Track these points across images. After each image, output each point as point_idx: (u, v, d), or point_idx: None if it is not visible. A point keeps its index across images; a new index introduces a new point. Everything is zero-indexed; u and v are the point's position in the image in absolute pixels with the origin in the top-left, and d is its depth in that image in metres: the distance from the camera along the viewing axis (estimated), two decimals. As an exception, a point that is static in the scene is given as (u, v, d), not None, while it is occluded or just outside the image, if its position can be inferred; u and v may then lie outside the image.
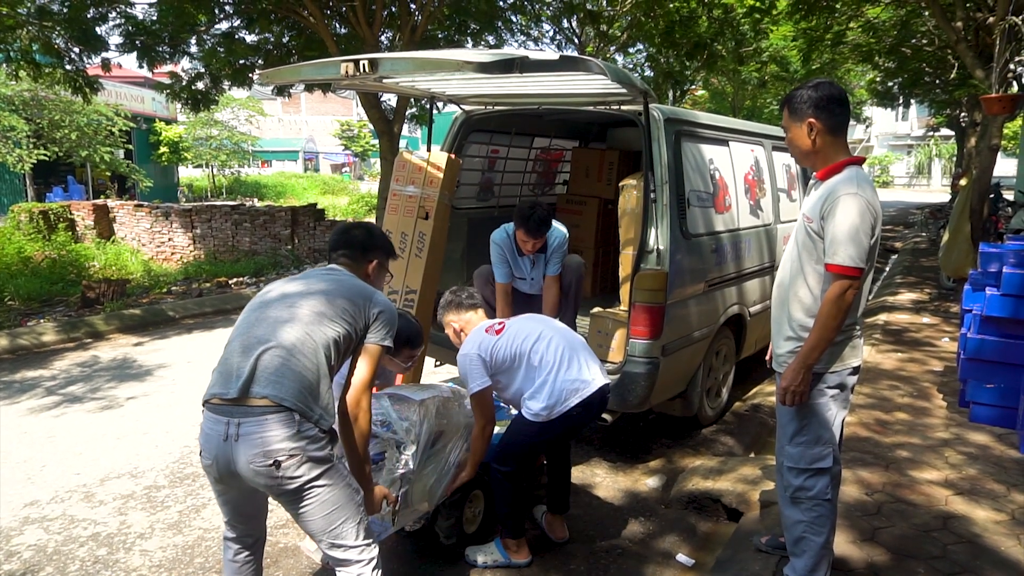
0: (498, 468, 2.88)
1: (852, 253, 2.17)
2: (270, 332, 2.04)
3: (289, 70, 3.77)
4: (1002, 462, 3.65)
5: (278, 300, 2.16)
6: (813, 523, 2.41)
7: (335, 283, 2.22)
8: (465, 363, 2.83)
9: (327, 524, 2.05)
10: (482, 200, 5.42)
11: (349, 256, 2.42)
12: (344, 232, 2.47)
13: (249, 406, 1.95)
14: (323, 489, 2.01)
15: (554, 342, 2.86)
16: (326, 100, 39.59)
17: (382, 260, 2.50)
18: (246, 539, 2.25)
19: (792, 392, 2.31)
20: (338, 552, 2.10)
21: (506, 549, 2.95)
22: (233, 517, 2.21)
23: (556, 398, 2.76)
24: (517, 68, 2.61)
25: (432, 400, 2.90)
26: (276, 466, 1.93)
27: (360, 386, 2.19)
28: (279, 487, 1.97)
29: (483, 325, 2.97)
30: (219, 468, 2.00)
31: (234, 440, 1.94)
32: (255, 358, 1.99)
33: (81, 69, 9.32)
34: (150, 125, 23.62)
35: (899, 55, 14.50)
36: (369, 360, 2.21)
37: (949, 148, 37.58)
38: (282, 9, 9.54)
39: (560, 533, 3.19)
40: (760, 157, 4.93)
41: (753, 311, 4.66)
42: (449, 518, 2.99)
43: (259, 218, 12.31)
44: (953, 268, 7.96)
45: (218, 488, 2.13)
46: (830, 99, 2.30)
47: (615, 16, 13.99)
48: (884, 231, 16.90)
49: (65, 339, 6.76)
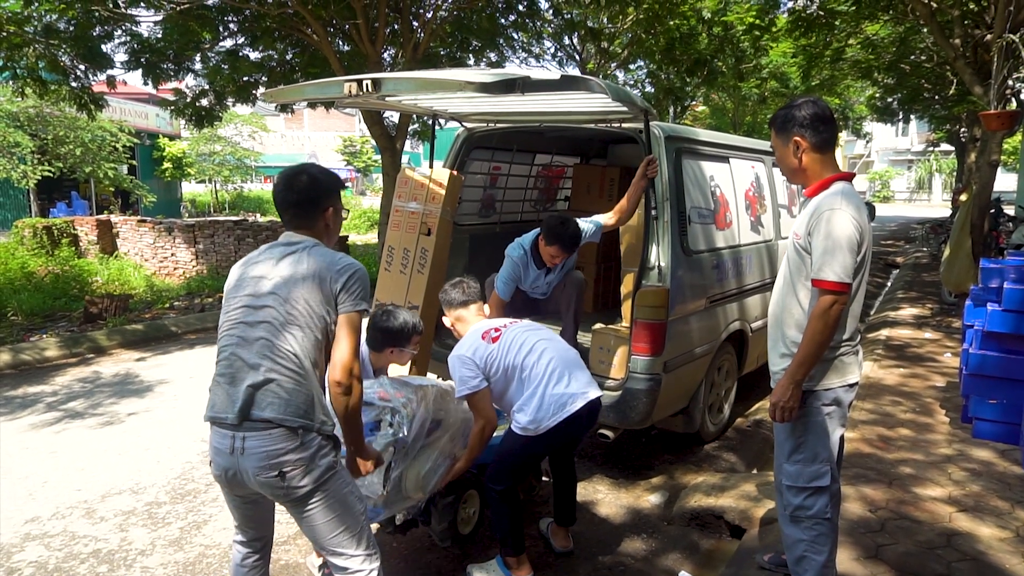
0: (493, 488, 2.87)
1: (837, 268, 2.19)
2: (255, 356, 2.03)
3: (292, 89, 3.82)
4: (1006, 478, 3.63)
5: (253, 309, 2.08)
6: (814, 542, 2.40)
7: (300, 272, 2.08)
8: (456, 365, 2.83)
9: (329, 531, 2.11)
10: (484, 216, 5.45)
11: (299, 215, 2.19)
12: (286, 188, 2.18)
13: (252, 421, 2.00)
14: (326, 496, 2.07)
15: (546, 355, 2.86)
16: (329, 116, 39.76)
17: (335, 204, 2.26)
18: (255, 543, 2.32)
19: (781, 408, 2.31)
20: (340, 560, 2.14)
21: (507, 567, 2.95)
22: (243, 521, 2.28)
23: (544, 412, 2.76)
24: (519, 88, 2.64)
25: (431, 389, 2.89)
26: (281, 476, 2.00)
27: (347, 358, 2.03)
28: (285, 496, 2.04)
29: (480, 328, 2.96)
30: (228, 479, 2.08)
31: (240, 453, 2.01)
32: (247, 386, 2.00)
33: (86, 86, 9.42)
34: (154, 141, 23.77)
35: (898, 71, 14.61)
36: (349, 330, 2.06)
37: (949, 163, 37.70)
38: (286, 27, 9.64)
39: (563, 543, 3.21)
40: (761, 173, 4.96)
41: (755, 327, 4.67)
42: (443, 521, 3.01)
43: (262, 233, 12.34)
44: (954, 283, 7.97)
45: (228, 495, 2.20)
46: (814, 117, 2.33)
47: (616, 33, 14.12)
48: (885, 246, 16.92)
49: (67, 354, 6.77)
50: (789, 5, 11.68)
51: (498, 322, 3.04)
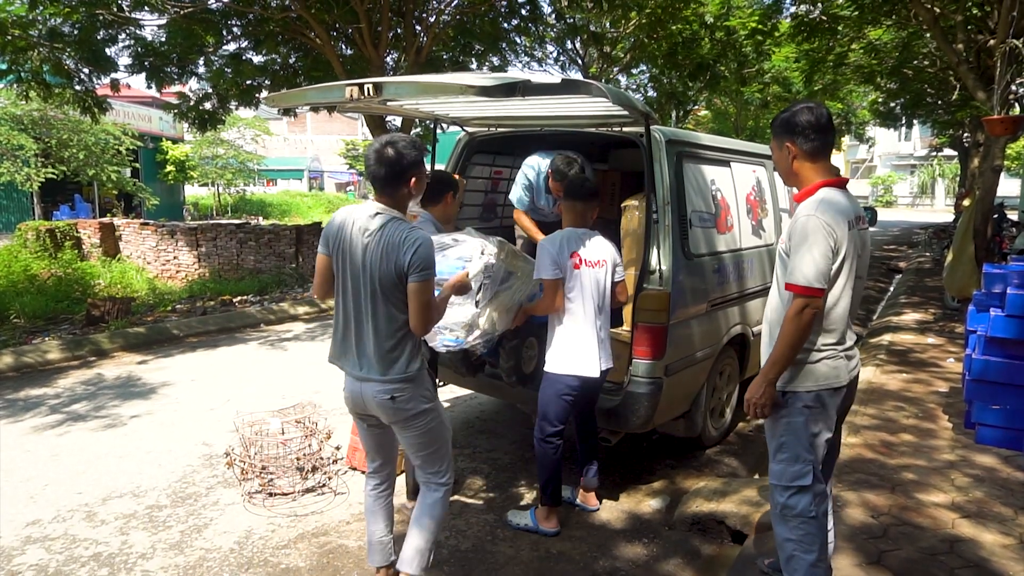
0: (541, 434, 3.34)
1: (807, 273, 2.24)
2: (364, 336, 2.54)
3: (295, 94, 3.82)
4: (1009, 484, 3.62)
5: (355, 299, 2.53)
6: (801, 541, 2.41)
7: (375, 260, 2.45)
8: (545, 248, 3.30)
9: (425, 447, 2.66)
10: (485, 220, 5.45)
11: (384, 186, 2.52)
12: (377, 161, 2.48)
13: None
14: (426, 421, 2.61)
15: (589, 318, 3.28)
16: (331, 120, 39.95)
17: (419, 174, 2.54)
18: (381, 472, 2.85)
19: (754, 405, 2.38)
20: (427, 471, 2.71)
21: (537, 518, 3.41)
22: (372, 449, 2.82)
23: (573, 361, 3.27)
24: (520, 92, 2.64)
25: (507, 246, 3.26)
26: (392, 399, 2.53)
27: (426, 318, 2.49)
28: (396, 415, 2.56)
29: (572, 240, 3.33)
30: (356, 404, 2.64)
31: (364, 383, 2.57)
32: (360, 356, 2.56)
33: (90, 89, 9.44)
34: (157, 144, 23.82)
35: (901, 76, 14.60)
36: (419, 298, 2.45)
37: (952, 168, 37.65)
38: (289, 31, 9.67)
39: (592, 502, 3.68)
40: (762, 177, 4.95)
41: (756, 331, 4.65)
42: (510, 360, 3.65)
43: (264, 236, 12.37)
44: (957, 288, 7.95)
45: (359, 423, 2.77)
46: (806, 124, 2.37)
47: (618, 38, 14.15)
48: (888, 251, 16.91)
49: (70, 357, 6.78)
50: (792, 10, 11.69)
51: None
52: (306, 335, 8.12)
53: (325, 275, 2.62)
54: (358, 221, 2.51)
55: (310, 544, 3.34)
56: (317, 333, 8.23)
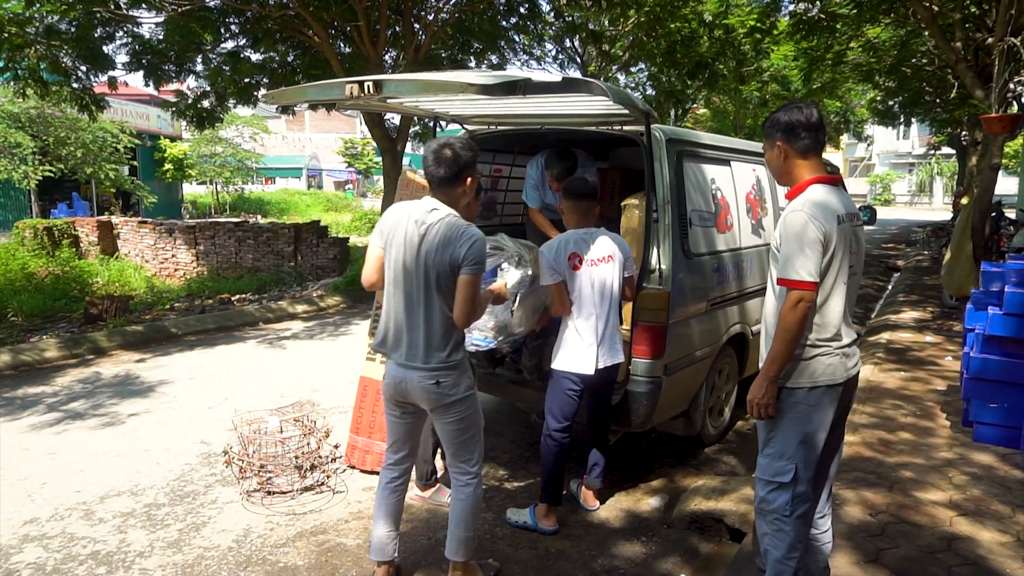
0: (549, 431, 3.39)
1: (796, 266, 2.26)
2: (414, 324, 2.64)
3: (294, 91, 3.81)
4: (1006, 482, 3.63)
5: (407, 289, 2.64)
6: (774, 536, 2.42)
7: (432, 251, 2.57)
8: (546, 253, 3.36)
9: (460, 435, 2.74)
10: (486, 219, 5.44)
11: (441, 185, 2.64)
12: (435, 162, 2.62)
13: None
14: (464, 408, 2.70)
15: (588, 317, 3.32)
16: (330, 118, 39.82)
17: (473, 174, 2.68)
18: (401, 465, 2.90)
19: (757, 404, 2.38)
20: (460, 459, 2.79)
21: (536, 516, 3.41)
22: (397, 439, 2.87)
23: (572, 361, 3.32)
24: (520, 91, 2.64)
25: (535, 251, 3.43)
26: (437, 384, 2.63)
27: (469, 311, 2.59)
28: (438, 400, 2.65)
29: (571, 242, 3.36)
30: (397, 391, 2.72)
31: (409, 370, 2.65)
32: (408, 345, 2.66)
33: (88, 87, 9.43)
34: (155, 142, 23.76)
35: (899, 75, 14.61)
36: (467, 291, 2.56)
37: (950, 166, 37.69)
38: (287, 29, 9.66)
39: (592, 502, 3.67)
40: (762, 176, 4.95)
41: (755, 330, 4.66)
42: (533, 358, 3.83)
43: (262, 235, 12.35)
44: (955, 287, 7.96)
45: (391, 412, 2.83)
46: (796, 123, 2.39)
47: (617, 36, 14.14)
48: (886, 249, 16.92)
49: (67, 355, 6.76)
50: (790, 8, 11.69)
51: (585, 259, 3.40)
52: (304, 333, 8.11)
53: (378, 267, 2.79)
54: (415, 215, 2.63)
55: (308, 542, 3.34)
56: (315, 331, 8.22)
